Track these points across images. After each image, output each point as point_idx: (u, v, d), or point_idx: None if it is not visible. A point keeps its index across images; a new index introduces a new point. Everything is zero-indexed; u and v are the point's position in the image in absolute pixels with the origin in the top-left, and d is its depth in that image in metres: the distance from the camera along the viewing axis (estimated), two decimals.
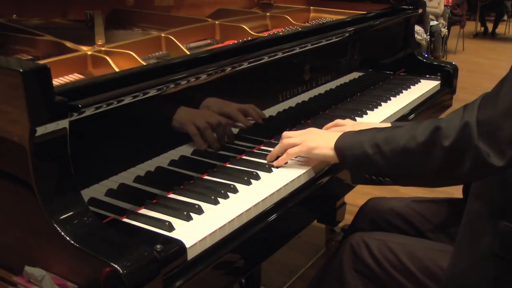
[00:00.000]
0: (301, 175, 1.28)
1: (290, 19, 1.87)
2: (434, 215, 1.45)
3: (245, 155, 1.39)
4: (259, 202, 1.16)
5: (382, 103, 1.84)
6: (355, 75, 1.92)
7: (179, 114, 1.24)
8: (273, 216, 1.18)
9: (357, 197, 2.22)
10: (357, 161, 1.16)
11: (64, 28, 1.63)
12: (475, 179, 1.11)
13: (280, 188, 1.22)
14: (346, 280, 1.33)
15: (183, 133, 1.25)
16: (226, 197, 1.17)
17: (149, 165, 1.18)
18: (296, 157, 1.34)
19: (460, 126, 0.99)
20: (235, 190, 1.19)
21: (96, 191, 1.09)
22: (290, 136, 1.32)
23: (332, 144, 1.22)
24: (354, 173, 1.19)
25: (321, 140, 1.26)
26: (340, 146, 1.21)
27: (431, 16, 7.00)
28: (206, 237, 1.02)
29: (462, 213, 1.18)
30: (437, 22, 7.21)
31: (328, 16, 2.09)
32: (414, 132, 1.07)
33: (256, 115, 1.42)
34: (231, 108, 1.35)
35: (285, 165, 1.31)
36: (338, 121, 1.48)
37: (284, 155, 1.29)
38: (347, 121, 1.48)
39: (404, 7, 2.16)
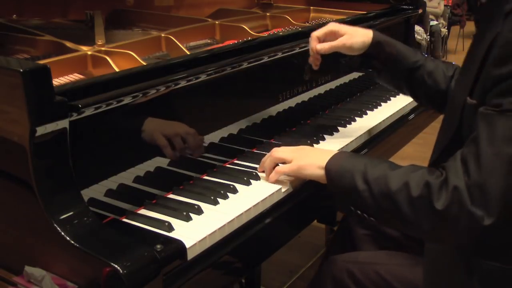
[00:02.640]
0: None
1: (290, 19, 1.87)
2: None
3: (245, 155, 1.39)
4: (258, 203, 1.16)
5: (382, 103, 1.84)
6: (355, 75, 1.92)
7: (179, 115, 1.24)
8: (273, 217, 1.18)
9: None
10: (345, 192, 1.09)
11: (64, 28, 1.63)
12: (463, 242, 1.01)
13: (280, 188, 1.22)
14: None
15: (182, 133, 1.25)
16: (225, 197, 1.17)
17: (149, 165, 1.18)
18: None
19: (451, 190, 0.94)
20: (234, 191, 1.19)
21: (96, 191, 1.09)
22: (281, 151, 1.24)
23: (323, 163, 1.15)
24: (341, 202, 1.13)
25: (311, 159, 1.18)
26: (330, 169, 1.13)
27: (431, 16, 7.00)
28: (205, 237, 1.02)
29: None
30: (437, 22, 7.21)
31: (328, 16, 2.09)
32: (407, 180, 0.99)
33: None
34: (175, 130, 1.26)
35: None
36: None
37: (273, 173, 1.23)
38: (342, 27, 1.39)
39: (404, 7, 2.16)
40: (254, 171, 1.27)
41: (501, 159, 0.91)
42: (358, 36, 1.39)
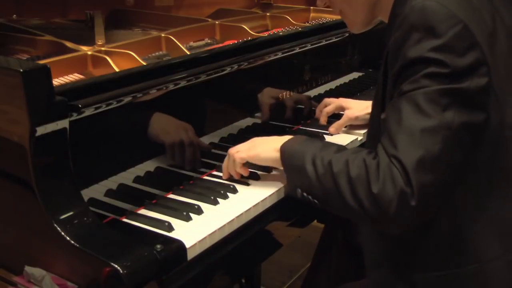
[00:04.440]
0: None
1: (290, 19, 1.87)
2: None
3: None
4: (258, 203, 1.15)
5: None
6: (355, 75, 1.92)
7: (179, 115, 1.24)
8: (273, 217, 1.18)
9: None
10: (294, 172, 1.11)
11: (64, 28, 1.63)
12: (398, 224, 1.02)
13: (280, 188, 1.21)
14: None
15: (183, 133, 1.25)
16: (225, 197, 1.17)
17: (149, 166, 1.19)
18: None
19: (384, 172, 0.97)
20: (234, 191, 1.19)
21: (96, 191, 1.09)
22: (237, 150, 1.23)
23: (278, 146, 1.17)
24: (290, 184, 1.15)
25: (266, 144, 1.21)
26: (285, 151, 1.15)
27: None
28: (205, 237, 1.02)
29: None
30: None
31: (328, 16, 2.09)
32: (348, 161, 1.01)
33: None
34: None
35: None
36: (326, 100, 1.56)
37: (235, 167, 1.22)
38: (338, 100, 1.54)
39: None
40: (254, 171, 1.27)
41: (410, 133, 0.95)
42: (361, 110, 1.53)
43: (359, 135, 1.52)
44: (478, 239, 1.04)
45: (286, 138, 1.19)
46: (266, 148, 1.20)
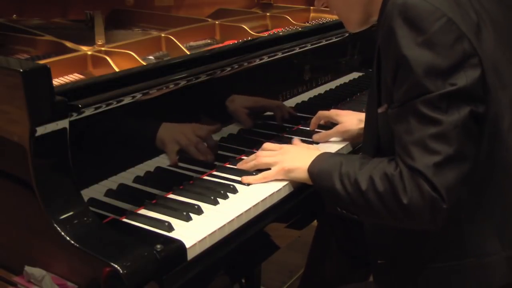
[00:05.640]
0: None
1: (290, 19, 1.87)
2: None
3: (244, 156, 1.39)
4: (258, 203, 1.16)
5: None
6: (355, 75, 1.92)
7: (179, 115, 1.24)
8: (273, 217, 1.18)
9: None
10: (327, 193, 1.12)
11: (64, 28, 1.63)
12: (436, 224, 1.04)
13: (280, 189, 1.22)
14: None
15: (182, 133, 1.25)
16: (225, 197, 1.17)
17: (149, 166, 1.18)
18: None
19: (410, 182, 0.98)
20: (234, 191, 1.19)
21: (96, 191, 1.09)
22: (266, 156, 1.28)
23: (307, 165, 1.18)
24: (328, 202, 1.15)
25: (297, 161, 1.22)
26: (312, 172, 1.17)
27: None
28: (205, 237, 1.02)
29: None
30: None
31: (328, 16, 2.09)
32: (372, 176, 1.03)
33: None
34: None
35: None
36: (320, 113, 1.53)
37: (260, 176, 1.24)
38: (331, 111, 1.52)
39: None
40: (254, 171, 1.27)
41: (422, 142, 0.96)
42: (353, 125, 1.47)
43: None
44: (476, 234, 1.05)
45: (313, 155, 1.19)
46: (295, 167, 1.22)
